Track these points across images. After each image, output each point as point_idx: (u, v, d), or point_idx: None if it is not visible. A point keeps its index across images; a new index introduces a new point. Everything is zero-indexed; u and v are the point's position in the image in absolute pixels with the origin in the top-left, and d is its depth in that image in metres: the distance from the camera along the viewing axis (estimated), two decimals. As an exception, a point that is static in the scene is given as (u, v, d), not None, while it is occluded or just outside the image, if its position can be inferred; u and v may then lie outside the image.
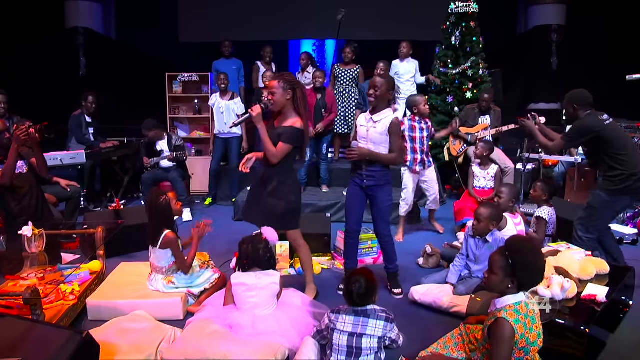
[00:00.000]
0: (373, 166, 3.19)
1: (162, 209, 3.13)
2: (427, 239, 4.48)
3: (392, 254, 3.41)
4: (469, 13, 6.06)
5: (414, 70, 6.13)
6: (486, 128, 5.41)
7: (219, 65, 6.43)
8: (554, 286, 2.47)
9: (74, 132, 5.66)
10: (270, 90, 2.96)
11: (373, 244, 4.03)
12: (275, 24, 8.73)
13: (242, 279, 2.71)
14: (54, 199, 4.28)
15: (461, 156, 5.54)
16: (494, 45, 7.71)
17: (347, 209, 3.40)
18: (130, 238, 3.99)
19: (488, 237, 3.17)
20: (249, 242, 2.76)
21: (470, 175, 4.71)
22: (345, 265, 3.53)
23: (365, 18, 8.24)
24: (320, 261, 3.93)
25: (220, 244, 4.37)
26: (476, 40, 6.13)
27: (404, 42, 6.11)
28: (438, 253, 3.89)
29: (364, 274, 2.33)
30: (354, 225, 3.38)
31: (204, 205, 5.94)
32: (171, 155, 5.34)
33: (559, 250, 3.15)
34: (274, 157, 2.95)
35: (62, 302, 2.92)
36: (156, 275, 3.16)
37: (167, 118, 6.69)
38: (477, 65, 6.11)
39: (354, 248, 3.47)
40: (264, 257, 2.73)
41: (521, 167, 5.49)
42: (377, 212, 3.31)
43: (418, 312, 3.15)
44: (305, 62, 6.50)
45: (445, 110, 6.24)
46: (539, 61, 8.82)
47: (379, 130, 3.16)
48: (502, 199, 3.66)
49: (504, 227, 3.32)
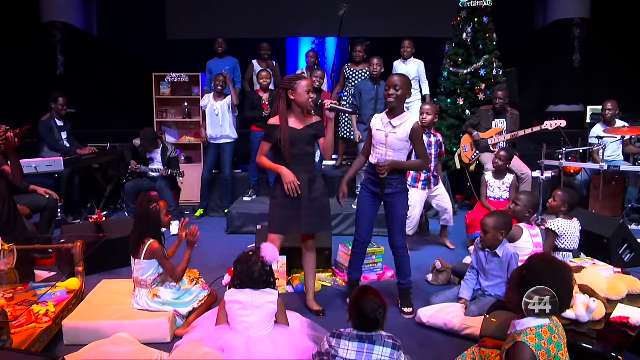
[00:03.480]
0: (392, 174, 3.22)
1: (151, 217, 3.14)
2: (436, 253, 4.47)
3: (406, 269, 3.40)
4: (482, 7, 6.09)
5: (417, 72, 6.14)
6: (500, 132, 5.43)
7: (212, 65, 6.42)
8: (578, 306, 2.44)
9: (45, 139, 5.64)
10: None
11: (378, 259, 4.03)
12: (272, 20, 8.76)
13: (236, 296, 2.70)
14: (27, 211, 4.25)
15: (473, 163, 5.55)
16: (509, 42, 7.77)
17: (360, 217, 3.41)
18: (112, 253, 3.98)
19: (498, 251, 3.14)
20: (244, 263, 2.74)
21: (483, 184, 4.71)
22: (350, 276, 3.54)
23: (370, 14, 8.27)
24: (320, 277, 3.92)
25: (212, 259, 4.37)
26: (490, 37, 6.17)
27: (406, 41, 6.07)
28: (449, 269, 3.88)
29: (377, 296, 2.29)
30: (365, 236, 3.41)
31: (195, 216, 5.95)
32: (164, 172, 5.33)
33: (582, 266, 3.14)
34: (331, 151, 3.31)
35: (34, 325, 2.88)
36: (140, 290, 3.14)
37: (154, 122, 6.70)
38: (490, 64, 6.14)
39: (361, 259, 3.50)
40: (259, 279, 2.72)
41: (539, 175, 5.49)
42: (393, 221, 3.31)
43: (428, 333, 3.13)
44: (314, 61, 6.49)
45: (456, 113, 6.25)
46: (559, 59, 8.81)
47: (399, 136, 3.18)
48: (518, 207, 3.61)
49: (518, 238, 3.30)
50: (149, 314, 3.07)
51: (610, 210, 5.40)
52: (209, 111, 5.80)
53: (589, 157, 5.97)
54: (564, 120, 5.29)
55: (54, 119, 5.69)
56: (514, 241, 3.30)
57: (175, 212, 5.37)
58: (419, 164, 3.33)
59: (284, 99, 3.12)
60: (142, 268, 3.13)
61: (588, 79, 8.73)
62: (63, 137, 5.77)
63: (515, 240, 3.31)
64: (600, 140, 5.42)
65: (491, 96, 5.68)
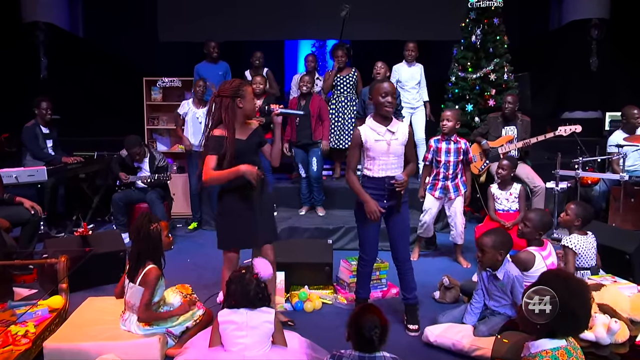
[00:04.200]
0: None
1: (151, 239, 3.10)
2: (444, 269, 4.48)
3: (412, 282, 3.43)
4: (492, 8, 6.11)
5: (419, 75, 6.17)
6: (511, 140, 5.44)
7: (202, 70, 6.45)
8: (598, 327, 2.43)
9: (29, 146, 5.64)
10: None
11: (382, 275, 4.03)
12: (270, 22, 8.77)
13: (230, 316, 2.70)
14: (6, 224, 4.22)
15: (483, 174, 5.56)
16: (522, 45, 7.80)
17: (364, 234, 3.43)
18: (99, 268, 3.99)
19: (499, 273, 3.12)
20: (237, 282, 2.74)
21: (490, 197, 4.73)
22: (357, 295, 3.56)
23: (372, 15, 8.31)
24: (320, 295, 3.93)
25: (206, 275, 4.38)
26: (500, 40, 6.18)
27: (411, 43, 6.15)
28: (457, 286, 3.88)
29: (379, 315, 2.30)
30: (372, 254, 3.45)
31: (187, 230, 5.97)
32: (147, 179, 5.35)
33: (602, 284, 3.11)
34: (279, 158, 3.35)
35: (11, 347, 2.84)
36: (131, 316, 3.12)
37: (145, 129, 6.73)
38: (501, 69, 6.15)
39: (368, 277, 3.55)
40: (255, 298, 2.72)
41: (554, 186, 5.48)
42: (397, 233, 3.36)
43: (435, 354, 3.13)
44: (314, 65, 6.55)
45: (464, 121, 6.23)
46: (575, 62, 8.80)
47: (401, 141, 3.26)
48: (528, 229, 3.50)
49: (531, 266, 3.26)
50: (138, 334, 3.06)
51: (631, 223, 5.36)
52: (191, 119, 5.83)
53: (608, 167, 5.96)
54: (579, 125, 5.31)
55: (39, 126, 5.71)
56: (527, 270, 3.26)
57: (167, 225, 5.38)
58: (413, 169, 3.38)
59: (231, 108, 3.05)
60: (135, 293, 3.08)
61: (606, 84, 8.73)
62: (48, 145, 5.79)
63: (529, 268, 3.26)
64: (620, 149, 5.40)
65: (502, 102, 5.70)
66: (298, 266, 4.03)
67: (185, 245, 5.42)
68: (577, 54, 8.79)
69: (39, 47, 8.35)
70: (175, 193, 6.20)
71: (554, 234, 5.42)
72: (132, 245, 3.18)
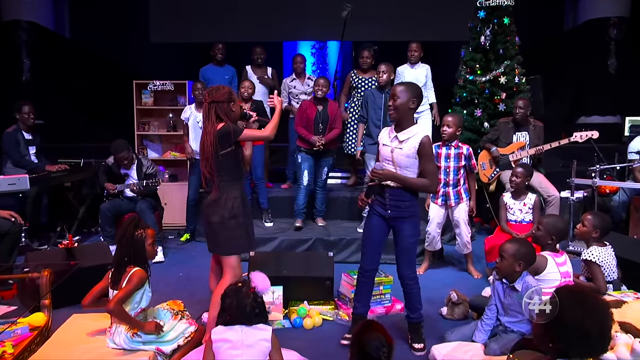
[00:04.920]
0: (399, 194, 3.27)
1: (134, 244, 3.17)
2: (451, 283, 4.50)
3: (416, 301, 3.44)
4: (502, 6, 6.14)
5: (423, 77, 6.20)
6: (523, 147, 5.46)
7: (208, 73, 6.48)
8: (620, 347, 2.42)
9: (10, 153, 5.67)
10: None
11: (385, 290, 4.04)
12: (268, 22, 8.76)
13: (224, 334, 2.71)
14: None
15: (493, 183, 5.58)
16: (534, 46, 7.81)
17: (365, 242, 3.46)
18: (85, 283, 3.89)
19: (517, 284, 3.12)
20: (233, 297, 2.75)
21: (502, 207, 4.75)
22: (354, 310, 3.55)
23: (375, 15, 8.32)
24: (320, 310, 3.94)
25: (199, 290, 4.38)
26: (511, 40, 6.21)
27: (413, 44, 6.17)
28: (466, 301, 3.89)
29: (384, 333, 2.29)
30: (370, 263, 3.45)
31: (180, 241, 5.99)
32: (134, 186, 5.37)
33: (624, 300, 3.11)
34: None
35: (-14, 369, 2.85)
36: (118, 327, 3.13)
37: (135, 135, 6.75)
38: (512, 71, 6.18)
39: (367, 290, 3.52)
40: (251, 313, 2.73)
41: (569, 195, 5.50)
42: (401, 249, 3.36)
43: (442, 374, 3.13)
44: (303, 67, 6.61)
45: (473, 126, 6.28)
46: (591, 64, 8.78)
47: (405, 152, 3.23)
48: (540, 232, 3.53)
49: (543, 269, 3.27)
50: (125, 353, 3.07)
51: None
52: (192, 123, 5.87)
53: (628, 175, 5.97)
54: (597, 131, 5.32)
55: (20, 131, 5.73)
56: (537, 273, 3.26)
57: (158, 236, 5.39)
58: (424, 183, 3.26)
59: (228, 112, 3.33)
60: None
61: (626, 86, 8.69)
62: (31, 152, 5.81)
63: (540, 272, 3.27)
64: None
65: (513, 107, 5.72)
66: (297, 280, 4.04)
67: (177, 258, 5.43)
68: (594, 55, 8.73)
69: (21, 48, 8.29)
70: (167, 202, 6.20)
71: (569, 246, 5.44)
72: (116, 251, 3.23)
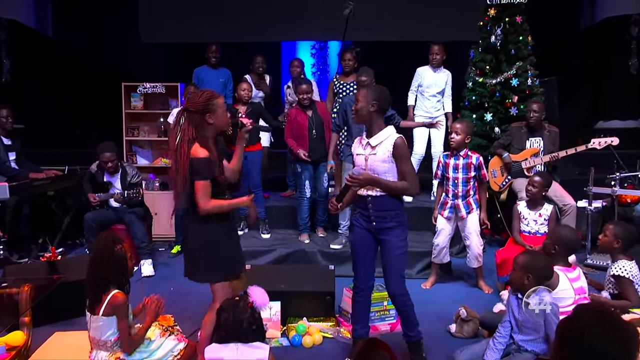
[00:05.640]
0: (382, 202, 3.26)
1: (115, 262, 3.06)
2: (461, 298, 4.50)
3: (411, 319, 3.41)
4: (514, 4, 6.16)
5: (444, 83, 6.21)
6: (537, 154, 5.48)
7: (203, 75, 6.52)
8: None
9: None
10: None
11: (390, 305, 4.04)
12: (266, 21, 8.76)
13: (219, 352, 2.72)
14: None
15: (504, 191, 5.59)
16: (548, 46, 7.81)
17: (354, 259, 3.46)
18: (69, 298, 3.97)
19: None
20: (230, 311, 2.76)
21: (515, 217, 4.76)
22: (354, 333, 3.54)
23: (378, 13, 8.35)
24: (320, 327, 3.94)
25: (190, 305, 4.39)
26: (523, 40, 6.22)
27: (435, 46, 6.18)
28: (476, 318, 3.90)
29: (388, 351, 2.29)
30: (364, 281, 3.43)
31: (171, 254, 5.99)
32: (118, 196, 5.38)
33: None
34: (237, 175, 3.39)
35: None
36: (98, 353, 3.07)
37: (124, 141, 6.76)
38: (524, 73, 6.19)
39: (365, 310, 3.50)
40: (248, 329, 2.74)
41: (586, 205, 5.49)
42: (387, 262, 3.33)
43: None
44: (300, 71, 6.67)
45: (483, 131, 6.26)
46: (611, 64, 8.79)
47: (380, 157, 3.25)
48: (547, 241, 3.56)
49: (554, 286, 3.26)
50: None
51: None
52: None
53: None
54: (617, 137, 5.33)
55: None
56: (553, 289, 3.26)
57: (148, 248, 5.41)
58: (404, 186, 3.26)
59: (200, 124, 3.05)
60: (101, 326, 3.02)
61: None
62: (10, 158, 5.82)
63: (552, 289, 3.23)
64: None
65: (525, 110, 5.74)
66: (295, 295, 4.05)
67: (168, 272, 5.43)
68: (613, 55, 8.72)
69: (1, 47, 8.31)
70: (157, 212, 6.21)
71: (587, 259, 5.43)
72: (92, 271, 3.06)
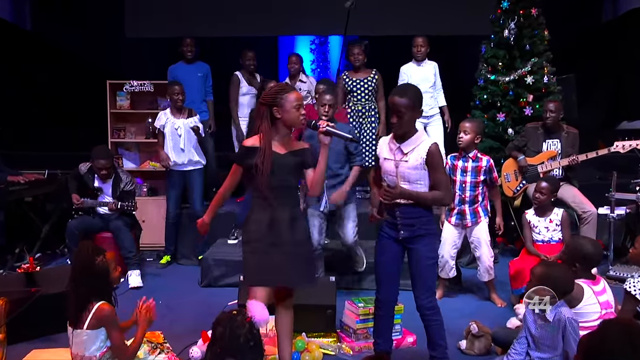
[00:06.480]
0: (411, 210, 3.26)
1: (97, 275, 3.08)
2: (471, 312, 4.50)
3: (438, 337, 3.38)
4: None
5: (432, 75, 6.24)
6: (554, 157, 5.49)
7: (177, 72, 6.55)
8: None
9: None
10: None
11: (396, 320, 4.00)
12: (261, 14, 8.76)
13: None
14: None
15: (519, 197, 5.59)
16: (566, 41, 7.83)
17: (378, 270, 3.45)
18: (48, 313, 3.96)
19: (549, 314, 3.11)
20: (226, 325, 2.75)
21: (526, 226, 4.78)
22: (376, 347, 3.53)
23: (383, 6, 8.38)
24: (320, 344, 3.94)
25: (181, 320, 4.40)
26: (539, 34, 6.24)
27: (419, 38, 6.21)
28: (488, 334, 3.90)
29: None
30: (389, 294, 3.44)
31: (160, 264, 5.98)
32: (112, 205, 5.39)
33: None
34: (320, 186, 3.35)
35: None
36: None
37: (109, 143, 6.76)
38: (540, 70, 6.20)
39: (387, 324, 3.52)
40: (245, 345, 2.74)
41: (608, 212, 5.49)
42: (417, 273, 3.32)
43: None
44: (298, 67, 6.72)
45: (495, 132, 6.27)
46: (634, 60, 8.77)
47: (412, 164, 3.24)
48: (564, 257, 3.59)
49: (579, 301, 3.27)
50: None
51: None
52: (170, 131, 5.83)
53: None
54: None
55: None
56: (573, 305, 3.25)
57: (136, 258, 5.40)
58: (438, 197, 3.28)
59: (267, 117, 3.16)
60: (85, 341, 3.04)
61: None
62: (-16, 161, 5.83)
63: (575, 304, 3.26)
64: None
65: (541, 110, 5.75)
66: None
67: (156, 284, 5.43)
68: (637, 50, 8.62)
69: (-27, 44, 8.24)
70: (146, 220, 6.21)
71: (609, 270, 5.40)
72: (72, 282, 3.10)
